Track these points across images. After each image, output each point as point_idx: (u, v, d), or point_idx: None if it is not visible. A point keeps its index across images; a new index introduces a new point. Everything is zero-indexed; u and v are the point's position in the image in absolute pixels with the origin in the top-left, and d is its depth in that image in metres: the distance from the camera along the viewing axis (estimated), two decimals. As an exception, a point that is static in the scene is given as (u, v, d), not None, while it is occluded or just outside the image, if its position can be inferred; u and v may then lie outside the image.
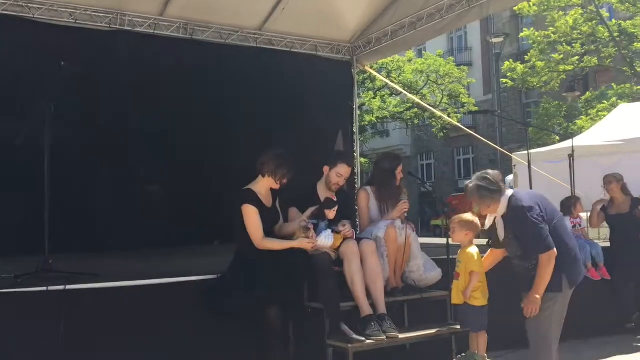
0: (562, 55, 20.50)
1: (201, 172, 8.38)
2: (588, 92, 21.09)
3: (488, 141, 12.71)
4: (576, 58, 20.47)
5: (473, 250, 4.58)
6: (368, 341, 4.21)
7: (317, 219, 4.60)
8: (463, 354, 4.66)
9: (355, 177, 9.70)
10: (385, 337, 4.28)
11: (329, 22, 9.30)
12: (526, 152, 8.08)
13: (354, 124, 10.30)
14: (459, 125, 14.77)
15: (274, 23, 9.07)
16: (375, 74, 14.15)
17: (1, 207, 6.89)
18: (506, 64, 22.01)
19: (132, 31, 8.25)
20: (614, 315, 6.54)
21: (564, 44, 20.38)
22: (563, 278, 3.96)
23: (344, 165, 4.96)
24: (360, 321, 4.35)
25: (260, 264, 4.29)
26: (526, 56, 21.93)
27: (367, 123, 24.28)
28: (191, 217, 8.23)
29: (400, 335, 4.42)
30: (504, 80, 22.50)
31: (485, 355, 4.61)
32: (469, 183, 4.19)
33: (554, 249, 3.89)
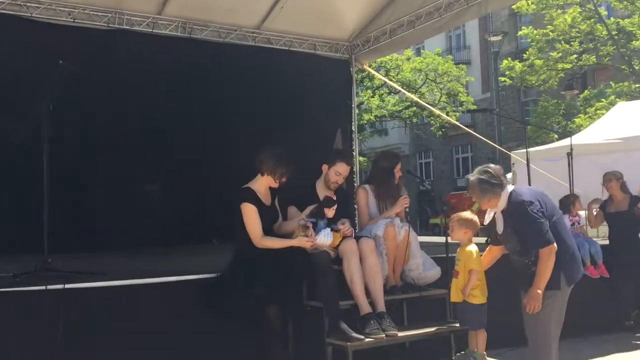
0: (561, 54, 20.52)
1: (200, 171, 8.38)
2: (586, 91, 21.11)
3: (487, 140, 12.70)
4: (574, 56, 20.49)
5: (472, 248, 4.59)
6: (367, 339, 4.21)
7: (316, 217, 4.60)
8: (462, 352, 4.66)
9: (354, 176, 9.69)
10: (384, 336, 4.28)
11: (328, 21, 9.29)
12: (525, 151, 8.10)
13: (353, 123, 10.30)
14: (458, 123, 14.77)
15: (273, 22, 9.06)
16: (373, 72, 14.15)
17: (0, 206, 6.89)
18: (504, 62, 22.03)
19: (131, 30, 8.23)
20: (613, 313, 6.54)
21: (563, 42, 20.41)
22: (561, 276, 3.95)
23: (343, 163, 4.95)
24: (360, 319, 4.35)
25: (259, 263, 4.29)
26: (524, 54, 21.96)
27: (366, 122, 24.30)
28: (190, 216, 8.23)
29: (400, 334, 4.43)
30: (503, 79, 22.51)
31: (484, 353, 4.61)
32: (470, 176, 4.19)
33: (554, 244, 3.88)
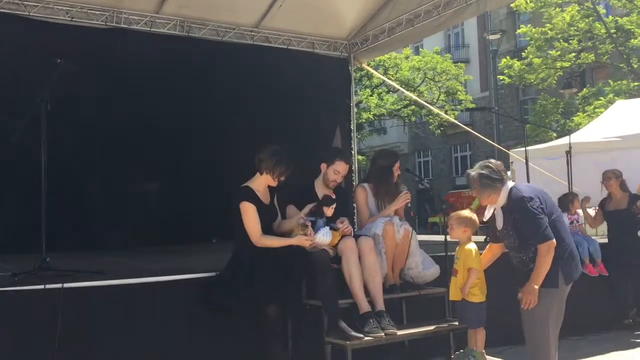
0: (559, 52, 20.53)
1: (198, 170, 8.38)
2: (585, 89, 21.13)
3: (485, 138, 12.71)
4: (573, 55, 20.51)
5: (471, 246, 4.57)
6: (366, 338, 4.20)
7: (315, 216, 4.59)
8: (461, 351, 4.66)
9: (353, 175, 9.69)
10: (383, 334, 4.27)
11: (326, 19, 9.29)
12: (523, 149, 8.09)
13: (351, 121, 10.30)
14: (456, 122, 14.80)
15: (271, 20, 9.05)
16: (372, 71, 14.18)
17: (-2, 206, 6.89)
18: (503, 60, 22.05)
19: (129, 29, 8.22)
20: (612, 311, 6.55)
21: (561, 40, 20.42)
22: (559, 274, 3.94)
23: (342, 162, 4.94)
24: (359, 318, 4.34)
25: (258, 262, 4.28)
26: (523, 53, 21.98)
27: (365, 120, 24.32)
28: (189, 215, 8.23)
29: (399, 332, 4.41)
30: (501, 77, 22.54)
31: (483, 351, 4.61)
32: (471, 171, 4.18)
33: (553, 240, 3.88)
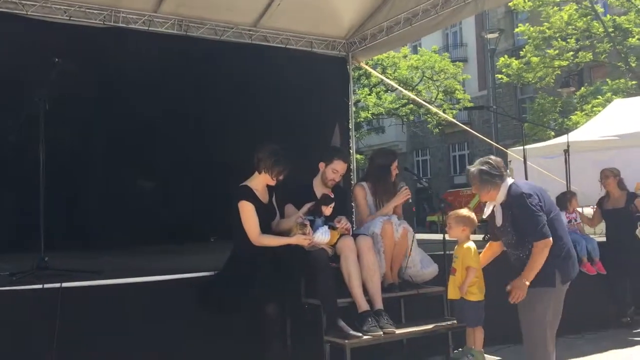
0: (557, 51, 20.55)
1: (196, 169, 8.37)
2: (583, 88, 21.16)
3: (483, 137, 12.72)
4: (571, 53, 20.53)
5: (470, 245, 4.58)
6: (365, 337, 4.21)
7: (314, 215, 4.59)
8: (460, 349, 4.67)
9: (351, 174, 9.69)
10: (382, 333, 4.27)
11: (324, 18, 9.28)
12: (521, 148, 8.10)
13: (350, 121, 10.30)
14: (455, 121, 14.81)
15: (269, 19, 9.04)
16: (370, 70, 14.17)
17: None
18: (501, 59, 22.06)
19: (127, 28, 8.21)
20: (610, 310, 6.56)
21: (559, 39, 20.44)
22: (556, 273, 3.94)
23: (340, 161, 4.95)
24: (357, 317, 4.35)
25: (257, 261, 4.29)
26: (521, 52, 22.00)
27: (363, 119, 24.33)
28: (187, 214, 8.22)
29: (397, 331, 4.42)
30: (499, 76, 22.55)
31: (482, 350, 4.62)
32: (471, 167, 4.19)
33: (550, 238, 3.87)
